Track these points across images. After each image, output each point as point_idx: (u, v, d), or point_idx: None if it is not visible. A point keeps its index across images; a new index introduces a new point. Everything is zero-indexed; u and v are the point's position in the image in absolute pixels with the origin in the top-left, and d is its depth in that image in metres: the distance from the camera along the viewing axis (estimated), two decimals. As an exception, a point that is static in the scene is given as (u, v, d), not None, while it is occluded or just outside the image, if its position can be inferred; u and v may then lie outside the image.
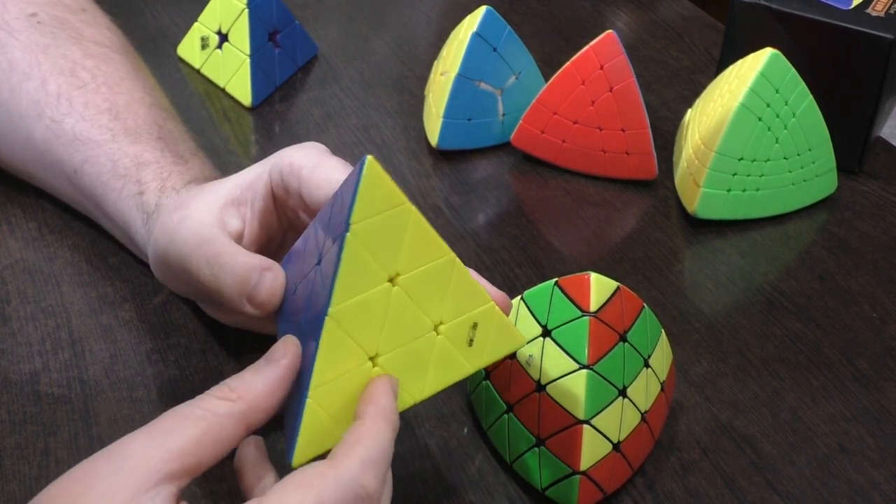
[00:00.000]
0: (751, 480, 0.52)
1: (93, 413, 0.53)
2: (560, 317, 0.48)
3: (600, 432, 0.48)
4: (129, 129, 0.59)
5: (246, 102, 0.75)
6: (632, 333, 0.49)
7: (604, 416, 0.48)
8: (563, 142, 0.70)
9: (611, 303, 0.48)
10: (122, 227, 0.58)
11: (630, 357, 0.49)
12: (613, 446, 0.49)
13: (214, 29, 0.76)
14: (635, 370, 0.49)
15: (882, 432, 0.55)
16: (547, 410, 0.48)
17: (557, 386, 0.48)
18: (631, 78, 0.67)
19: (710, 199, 0.66)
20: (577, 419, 0.47)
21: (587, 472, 0.48)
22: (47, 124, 0.60)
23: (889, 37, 0.67)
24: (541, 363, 0.48)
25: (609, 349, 0.48)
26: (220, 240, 0.49)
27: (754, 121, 0.64)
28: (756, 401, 0.56)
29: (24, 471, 0.50)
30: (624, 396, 0.49)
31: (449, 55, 0.71)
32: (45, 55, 0.62)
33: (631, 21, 0.90)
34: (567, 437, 0.48)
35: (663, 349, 0.52)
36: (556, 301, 0.49)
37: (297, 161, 0.49)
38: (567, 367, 0.48)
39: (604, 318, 0.48)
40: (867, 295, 0.63)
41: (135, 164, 0.57)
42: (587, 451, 0.48)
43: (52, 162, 0.60)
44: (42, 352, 0.56)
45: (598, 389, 0.48)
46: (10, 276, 0.60)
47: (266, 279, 0.46)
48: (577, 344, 0.48)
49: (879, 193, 0.71)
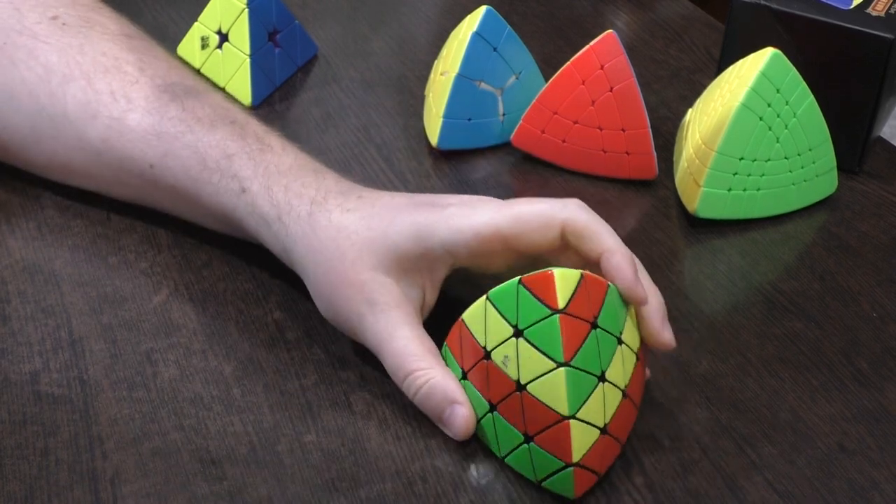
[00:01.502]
0: (751, 480, 0.52)
1: (93, 413, 0.53)
2: (529, 316, 0.48)
3: (587, 423, 0.48)
4: (200, 118, 0.59)
5: (246, 102, 0.75)
6: (602, 318, 0.49)
7: (588, 406, 0.48)
8: (563, 142, 0.70)
9: (577, 294, 0.48)
10: (222, 217, 0.59)
11: (604, 341, 0.49)
12: (601, 431, 0.49)
13: (214, 29, 0.76)
14: (611, 352, 0.49)
15: (882, 432, 0.55)
16: (531, 408, 0.49)
17: (537, 385, 0.48)
18: (631, 78, 0.67)
19: (710, 199, 0.66)
20: (562, 416, 0.48)
21: (580, 463, 0.49)
22: (106, 123, 0.60)
23: (889, 37, 0.67)
24: (517, 363, 0.49)
25: (583, 341, 0.48)
26: (413, 349, 0.52)
27: (755, 121, 0.64)
28: (756, 401, 0.56)
29: (24, 471, 0.50)
30: (604, 381, 0.49)
31: (449, 55, 0.71)
32: (83, 55, 0.62)
33: (631, 21, 0.90)
34: (555, 433, 0.48)
35: (632, 317, 0.52)
36: (523, 300, 0.48)
37: (469, 233, 0.52)
38: (544, 366, 0.48)
39: (573, 312, 0.48)
40: (867, 295, 0.63)
41: (224, 157, 0.57)
42: (577, 444, 0.48)
43: (117, 160, 0.60)
44: (42, 352, 0.56)
45: (579, 383, 0.48)
46: (10, 276, 0.60)
47: (459, 417, 0.51)
48: (551, 343, 0.48)
49: (879, 193, 0.71)
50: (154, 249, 0.62)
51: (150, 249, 0.62)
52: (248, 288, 0.60)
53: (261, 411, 0.53)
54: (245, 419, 0.53)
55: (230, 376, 0.55)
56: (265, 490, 0.50)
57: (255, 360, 0.56)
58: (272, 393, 0.54)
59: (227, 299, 0.60)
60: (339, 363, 0.56)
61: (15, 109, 0.62)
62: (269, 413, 0.53)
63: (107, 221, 0.64)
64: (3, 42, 0.62)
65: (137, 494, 0.49)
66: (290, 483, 0.50)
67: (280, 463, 0.51)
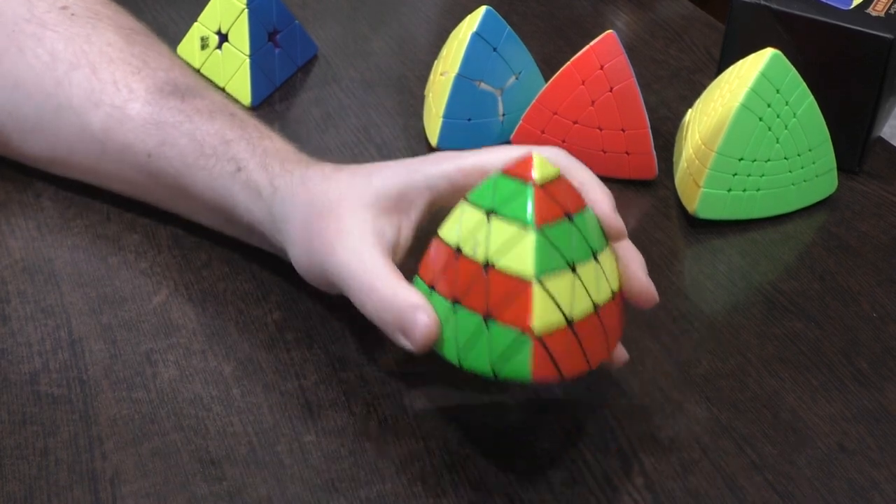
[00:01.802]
0: (751, 480, 0.52)
1: (92, 413, 0.53)
2: (503, 195, 0.47)
3: (550, 296, 0.46)
4: (200, 109, 0.59)
5: (246, 102, 0.75)
6: (578, 218, 0.48)
7: (554, 280, 0.46)
8: (563, 142, 0.70)
9: (556, 183, 0.48)
10: (213, 205, 0.58)
11: (577, 239, 0.48)
12: (566, 320, 0.47)
13: (214, 29, 0.76)
14: (583, 255, 0.48)
15: (882, 432, 0.55)
16: (495, 284, 0.47)
17: (505, 257, 0.47)
18: (631, 78, 0.67)
19: (710, 199, 0.66)
20: (525, 277, 0.46)
21: (541, 338, 0.46)
22: (107, 111, 0.60)
23: (889, 37, 0.67)
24: (487, 242, 0.47)
25: (555, 219, 0.47)
26: (381, 273, 0.51)
27: (755, 121, 0.64)
28: (756, 401, 0.56)
29: (24, 471, 0.50)
30: (574, 272, 0.47)
31: (449, 55, 0.71)
32: (89, 44, 0.62)
33: (631, 21, 0.90)
34: (517, 301, 0.46)
35: (612, 258, 0.51)
36: (500, 184, 0.48)
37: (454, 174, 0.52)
38: (513, 234, 0.47)
39: (550, 191, 0.47)
40: (867, 295, 0.63)
41: (222, 142, 0.58)
42: (538, 310, 0.46)
43: (117, 149, 0.61)
44: (42, 352, 0.56)
45: (547, 252, 0.46)
46: (9, 276, 0.60)
47: (421, 320, 0.48)
48: (523, 209, 0.47)
49: (879, 193, 0.71)
50: (154, 249, 0.62)
51: (150, 249, 0.62)
52: (248, 288, 0.60)
53: (260, 411, 0.53)
54: (245, 419, 0.53)
55: (230, 376, 0.55)
56: (265, 490, 0.50)
57: (255, 360, 0.56)
58: (272, 393, 0.54)
59: (227, 299, 0.60)
60: (339, 363, 0.56)
61: (21, 97, 0.63)
62: (268, 413, 0.53)
63: (107, 221, 0.64)
64: (12, 30, 0.63)
65: (137, 494, 0.49)
66: (289, 483, 0.50)
67: (280, 463, 0.51)
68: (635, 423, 0.54)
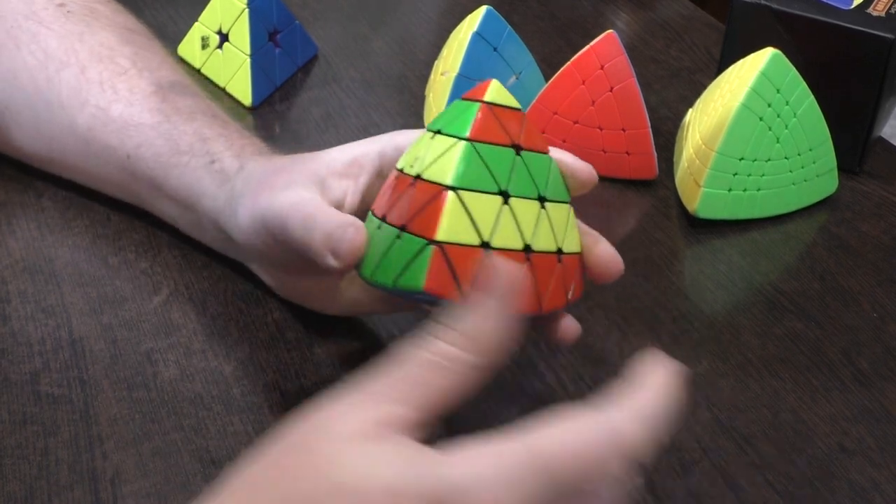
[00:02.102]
0: (751, 480, 0.52)
1: (93, 413, 0.53)
2: (452, 114, 0.46)
3: (467, 210, 0.44)
4: (180, 110, 0.59)
5: (246, 102, 0.75)
6: (528, 156, 0.46)
7: (476, 198, 0.44)
8: (564, 142, 0.70)
9: (509, 113, 0.46)
10: (184, 201, 0.58)
11: (521, 174, 0.46)
12: (482, 242, 0.44)
13: (215, 29, 0.76)
14: (524, 190, 0.46)
15: (882, 432, 0.55)
16: (417, 194, 0.45)
17: (433, 166, 0.45)
18: (631, 78, 0.67)
19: (710, 199, 0.66)
20: (443, 185, 0.44)
21: (443, 245, 0.44)
22: (92, 112, 0.60)
23: (889, 37, 0.67)
24: (424, 158, 0.46)
25: (496, 142, 0.45)
26: (317, 201, 0.50)
27: (755, 121, 0.64)
28: (756, 401, 0.56)
29: (24, 471, 0.50)
30: (505, 202, 0.45)
31: (449, 55, 0.71)
32: (81, 43, 0.62)
33: (631, 21, 0.90)
34: (430, 208, 0.44)
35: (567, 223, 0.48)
36: (453, 106, 0.47)
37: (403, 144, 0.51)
38: (447, 144, 0.45)
39: (498, 114, 0.45)
40: (867, 295, 0.63)
41: (199, 140, 0.58)
42: (447, 221, 0.44)
43: (100, 149, 0.61)
44: (42, 352, 0.56)
45: (475, 167, 0.44)
46: (10, 276, 0.60)
47: (349, 233, 0.47)
48: (462, 123, 0.45)
49: (880, 193, 0.71)
50: (154, 249, 0.62)
51: (150, 249, 0.62)
52: (248, 288, 0.60)
53: (261, 411, 0.53)
54: (245, 419, 0.53)
55: (230, 376, 0.55)
56: (265, 490, 0.50)
57: (255, 360, 0.56)
58: (272, 393, 0.54)
59: (227, 299, 0.60)
60: (339, 363, 0.56)
61: (18, 92, 0.63)
62: (269, 413, 0.53)
63: (107, 221, 0.64)
64: (11, 25, 0.63)
65: (137, 494, 0.49)
66: (290, 483, 0.50)
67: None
68: (635, 423, 0.54)
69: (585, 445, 0.36)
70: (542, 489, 0.35)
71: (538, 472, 0.35)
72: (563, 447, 0.36)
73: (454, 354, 0.37)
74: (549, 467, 0.35)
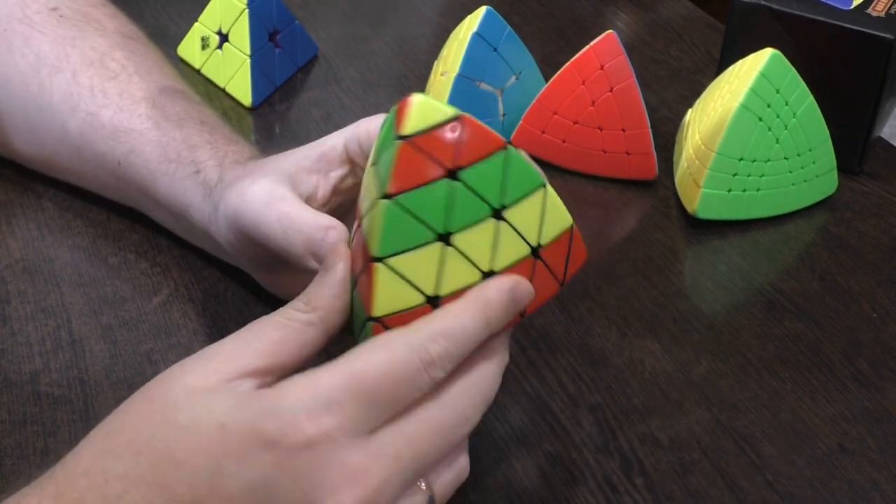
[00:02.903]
0: (751, 480, 0.52)
1: (93, 413, 0.53)
2: (382, 142, 0.43)
3: (402, 276, 0.42)
4: (169, 116, 0.59)
5: (246, 103, 0.75)
6: (470, 173, 0.42)
7: (409, 258, 0.42)
8: (564, 142, 0.70)
9: (440, 131, 0.41)
10: (175, 210, 0.58)
11: (464, 200, 0.42)
12: (427, 299, 0.42)
13: (214, 29, 0.76)
14: (472, 217, 0.42)
15: (882, 432, 0.55)
16: (357, 246, 0.43)
17: (367, 219, 0.43)
18: (631, 78, 0.67)
19: (710, 200, 0.66)
20: (371, 255, 0.42)
21: (380, 319, 0.42)
22: (83, 117, 0.60)
23: (889, 37, 0.67)
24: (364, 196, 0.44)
25: (423, 182, 0.41)
26: (290, 198, 0.50)
27: (755, 121, 0.64)
28: (756, 401, 0.56)
29: (24, 471, 0.50)
30: (447, 244, 0.42)
31: (449, 55, 0.71)
32: (73, 48, 0.62)
33: (631, 21, 0.90)
34: (366, 277, 0.42)
35: (543, 208, 0.44)
36: (385, 126, 0.43)
37: (375, 129, 0.50)
38: (374, 195, 0.42)
39: (422, 146, 0.41)
40: (867, 295, 0.63)
41: (186, 147, 0.57)
42: (382, 295, 0.42)
43: (92, 155, 0.61)
44: (42, 352, 0.56)
45: (401, 225, 0.41)
46: (10, 276, 0.60)
47: (330, 236, 0.48)
48: (386, 172, 0.41)
49: (879, 193, 0.71)
50: (154, 249, 0.62)
51: (150, 249, 0.62)
52: (248, 288, 0.60)
53: (261, 411, 0.53)
54: (245, 419, 0.53)
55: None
56: (265, 490, 0.50)
57: (255, 361, 0.56)
58: (272, 393, 0.54)
59: (227, 299, 0.60)
60: (339, 363, 0.56)
61: (10, 95, 0.63)
62: (269, 413, 0.53)
63: (107, 222, 0.64)
64: (4, 28, 0.63)
65: (137, 494, 0.49)
66: (290, 483, 0.50)
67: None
68: (635, 423, 0.54)
69: (393, 363, 0.40)
70: (358, 407, 0.39)
71: (352, 391, 0.39)
72: (373, 366, 0.40)
73: (293, 314, 0.43)
74: (362, 385, 0.40)
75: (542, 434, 0.53)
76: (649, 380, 0.56)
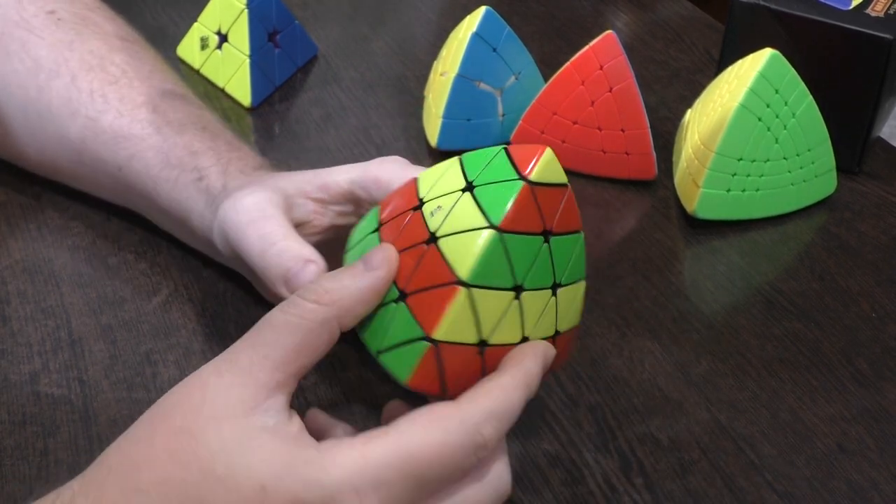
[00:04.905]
0: (750, 480, 0.52)
1: (93, 413, 0.53)
2: (492, 175, 0.42)
3: (474, 309, 0.41)
4: (171, 121, 0.59)
5: (245, 103, 0.75)
6: (557, 241, 0.43)
7: (487, 295, 0.41)
8: (563, 142, 0.70)
9: (555, 191, 0.42)
10: (177, 216, 0.58)
11: (542, 263, 0.42)
12: (479, 341, 0.42)
13: (214, 29, 0.76)
14: (542, 282, 0.43)
15: (882, 432, 0.55)
16: (428, 264, 0.41)
17: (453, 240, 0.41)
18: (631, 78, 0.67)
19: (709, 200, 0.66)
20: (456, 278, 0.41)
21: (438, 343, 0.41)
22: (83, 122, 0.60)
23: (889, 37, 0.67)
24: (446, 215, 0.42)
25: (527, 231, 0.41)
26: (277, 219, 0.50)
27: (754, 121, 0.64)
28: (756, 401, 0.56)
29: (23, 471, 0.50)
30: (516, 297, 0.42)
31: (448, 55, 0.71)
32: (71, 52, 0.62)
33: (631, 21, 0.90)
34: (435, 296, 0.41)
35: (575, 299, 0.45)
36: (497, 162, 0.42)
37: (384, 178, 0.50)
38: (475, 222, 0.41)
39: (539, 197, 0.41)
40: (867, 295, 0.63)
41: (188, 154, 0.57)
42: (451, 319, 0.41)
43: (92, 160, 0.60)
44: (42, 352, 0.56)
45: (496, 262, 0.41)
46: (10, 276, 0.60)
47: (308, 271, 0.47)
48: (498, 203, 0.41)
49: (879, 193, 0.71)
50: (153, 250, 0.62)
51: (150, 249, 0.62)
52: (248, 288, 0.60)
53: (260, 411, 0.53)
54: (245, 419, 0.53)
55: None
56: (265, 490, 0.50)
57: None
58: (272, 393, 0.54)
59: (227, 299, 0.60)
60: (339, 363, 0.56)
61: (9, 100, 0.63)
62: (268, 413, 0.53)
63: (107, 222, 0.64)
64: (1, 32, 0.63)
65: (137, 495, 0.49)
66: (289, 483, 0.50)
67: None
68: (635, 423, 0.54)
69: (447, 446, 0.39)
70: (406, 487, 0.39)
71: (403, 472, 0.39)
72: (427, 448, 0.39)
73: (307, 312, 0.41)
74: (413, 467, 0.39)
75: (542, 434, 0.53)
76: (649, 380, 0.56)
